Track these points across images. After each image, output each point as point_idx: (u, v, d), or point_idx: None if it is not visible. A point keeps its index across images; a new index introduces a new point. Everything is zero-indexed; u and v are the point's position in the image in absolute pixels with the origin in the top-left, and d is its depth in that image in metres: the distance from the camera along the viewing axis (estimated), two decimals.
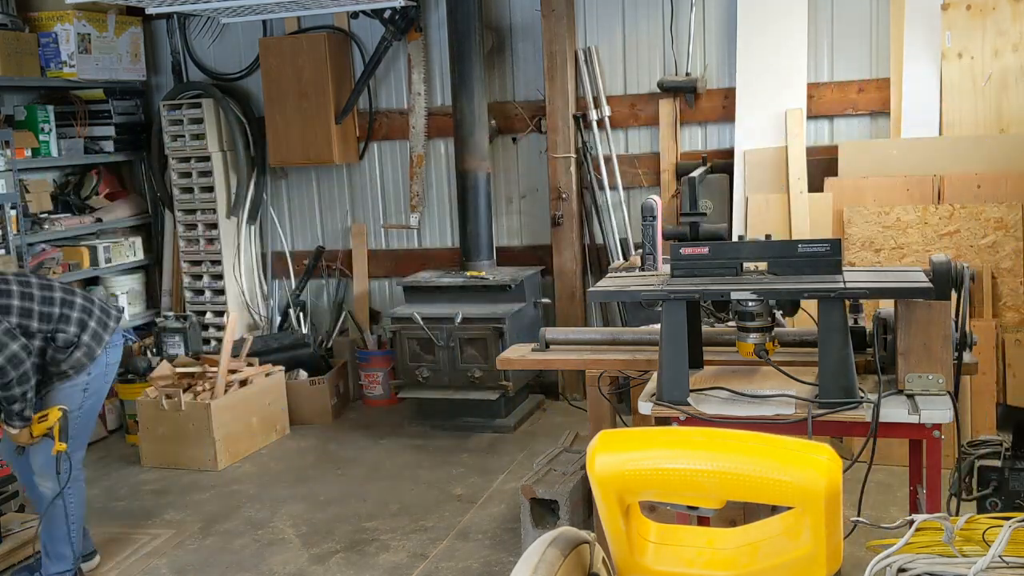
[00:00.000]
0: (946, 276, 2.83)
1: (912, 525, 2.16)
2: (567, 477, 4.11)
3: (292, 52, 6.40)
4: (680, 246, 3.00)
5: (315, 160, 6.53)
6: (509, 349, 3.85)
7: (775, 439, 2.07)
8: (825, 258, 2.89)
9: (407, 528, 4.55)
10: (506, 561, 4.11)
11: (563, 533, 2.16)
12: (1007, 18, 5.30)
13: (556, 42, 6.00)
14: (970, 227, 5.14)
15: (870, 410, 2.74)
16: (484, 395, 5.79)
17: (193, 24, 6.89)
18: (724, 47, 5.93)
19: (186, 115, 6.63)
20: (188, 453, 5.49)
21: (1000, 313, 5.07)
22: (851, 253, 5.27)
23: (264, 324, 6.95)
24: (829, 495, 1.96)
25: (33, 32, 6.19)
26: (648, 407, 2.92)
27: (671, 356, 2.88)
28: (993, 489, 2.73)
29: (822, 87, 5.76)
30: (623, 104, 6.14)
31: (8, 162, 5.60)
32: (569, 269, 6.19)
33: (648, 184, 6.14)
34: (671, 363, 2.88)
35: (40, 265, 6.04)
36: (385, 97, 6.64)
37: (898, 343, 2.86)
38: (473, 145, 6.00)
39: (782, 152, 5.62)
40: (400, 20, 6.31)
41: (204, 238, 6.78)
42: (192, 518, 4.82)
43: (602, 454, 2.11)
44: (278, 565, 4.26)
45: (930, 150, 5.35)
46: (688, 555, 2.20)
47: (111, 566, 4.32)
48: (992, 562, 2.02)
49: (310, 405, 6.21)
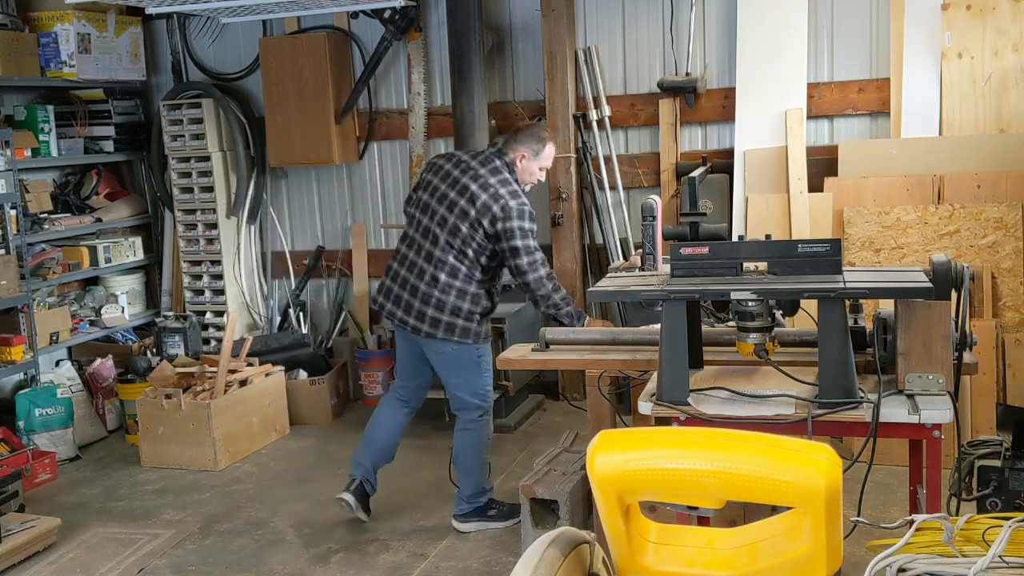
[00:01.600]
0: (946, 276, 2.83)
1: (912, 525, 2.16)
2: (567, 477, 4.11)
3: (292, 52, 6.40)
4: (680, 246, 3.00)
5: (315, 160, 6.53)
6: (509, 349, 3.85)
7: (775, 439, 2.07)
8: (825, 258, 2.89)
9: (407, 528, 4.55)
10: (506, 561, 4.11)
11: (563, 533, 2.16)
12: (1007, 18, 5.30)
13: (556, 42, 6.00)
14: (970, 227, 5.14)
15: (870, 410, 2.74)
16: None
17: (193, 24, 6.89)
18: (724, 47, 5.93)
19: (186, 115, 6.63)
20: (188, 453, 5.49)
21: (1000, 313, 5.07)
22: (851, 253, 5.27)
23: (264, 324, 6.95)
24: (829, 495, 1.96)
25: (33, 32, 6.19)
26: (648, 407, 2.92)
27: (671, 356, 2.88)
28: (993, 489, 2.73)
29: (822, 87, 5.76)
30: (623, 104, 6.14)
31: (8, 162, 5.60)
32: (569, 269, 6.19)
33: (648, 184, 6.14)
34: (671, 363, 2.88)
35: (40, 265, 6.04)
36: (385, 97, 6.64)
37: (898, 343, 2.86)
38: (473, 145, 5.99)
39: (782, 152, 5.62)
40: (400, 20, 6.31)
41: (204, 238, 6.78)
42: (192, 518, 4.82)
43: (602, 454, 2.11)
44: (278, 565, 4.26)
45: (930, 150, 5.36)
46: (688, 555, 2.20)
47: (111, 566, 4.32)
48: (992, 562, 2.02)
49: (310, 405, 6.21)
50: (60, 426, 5.70)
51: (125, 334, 6.76)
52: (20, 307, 5.71)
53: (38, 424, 5.64)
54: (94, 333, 6.47)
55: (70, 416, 5.76)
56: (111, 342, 6.67)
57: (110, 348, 6.58)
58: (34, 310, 5.83)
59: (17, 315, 5.73)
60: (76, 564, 4.36)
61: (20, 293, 5.63)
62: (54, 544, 4.52)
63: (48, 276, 6.07)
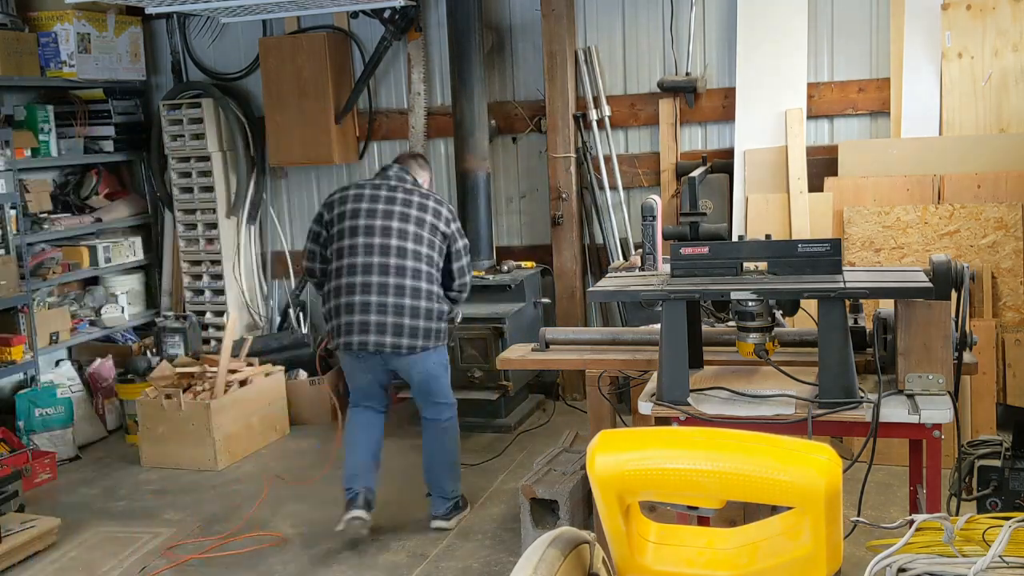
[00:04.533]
0: (946, 276, 2.83)
1: (912, 525, 2.16)
2: (567, 477, 4.11)
3: (292, 52, 6.40)
4: (680, 246, 3.00)
5: (315, 160, 6.53)
6: (509, 349, 3.86)
7: (775, 439, 2.07)
8: (825, 258, 2.89)
9: (407, 528, 4.55)
10: (506, 561, 4.11)
11: (563, 533, 2.16)
12: (1007, 18, 5.30)
13: (556, 42, 6.00)
14: (970, 227, 5.14)
15: (870, 410, 2.74)
16: (484, 395, 5.78)
17: (193, 24, 6.89)
18: (724, 47, 5.93)
19: (186, 115, 6.63)
20: (188, 453, 5.48)
21: (1000, 313, 5.07)
22: (851, 253, 5.27)
23: (264, 324, 6.95)
24: (829, 495, 1.96)
25: (33, 32, 6.19)
26: (648, 407, 2.92)
27: (671, 356, 2.88)
28: (993, 489, 2.73)
29: (822, 87, 5.76)
30: (623, 104, 6.14)
31: (8, 162, 5.60)
32: (569, 269, 6.18)
33: (648, 184, 6.14)
34: (671, 363, 2.88)
35: (40, 265, 6.04)
36: (385, 97, 6.64)
37: (898, 343, 2.86)
38: (473, 145, 6.00)
39: (782, 152, 5.62)
40: (400, 20, 6.31)
41: (204, 238, 6.78)
42: (192, 518, 4.82)
43: (602, 454, 2.11)
44: (278, 565, 4.26)
45: (930, 150, 5.36)
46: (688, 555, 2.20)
47: (112, 565, 4.32)
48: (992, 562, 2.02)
49: (310, 405, 6.20)
50: (60, 426, 5.71)
51: (125, 334, 6.76)
52: (20, 307, 5.72)
53: (38, 424, 5.64)
54: (94, 333, 6.47)
55: (70, 416, 5.77)
56: (111, 342, 6.67)
57: (110, 348, 6.58)
58: (34, 310, 5.83)
59: (17, 315, 5.73)
60: (77, 563, 4.36)
61: (20, 293, 5.63)
62: (55, 544, 4.52)
63: (48, 276, 6.07)
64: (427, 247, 4.27)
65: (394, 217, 4.26)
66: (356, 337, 4.23)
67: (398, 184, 4.38)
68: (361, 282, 4.23)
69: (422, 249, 4.25)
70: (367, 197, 4.33)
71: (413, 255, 4.24)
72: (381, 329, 4.21)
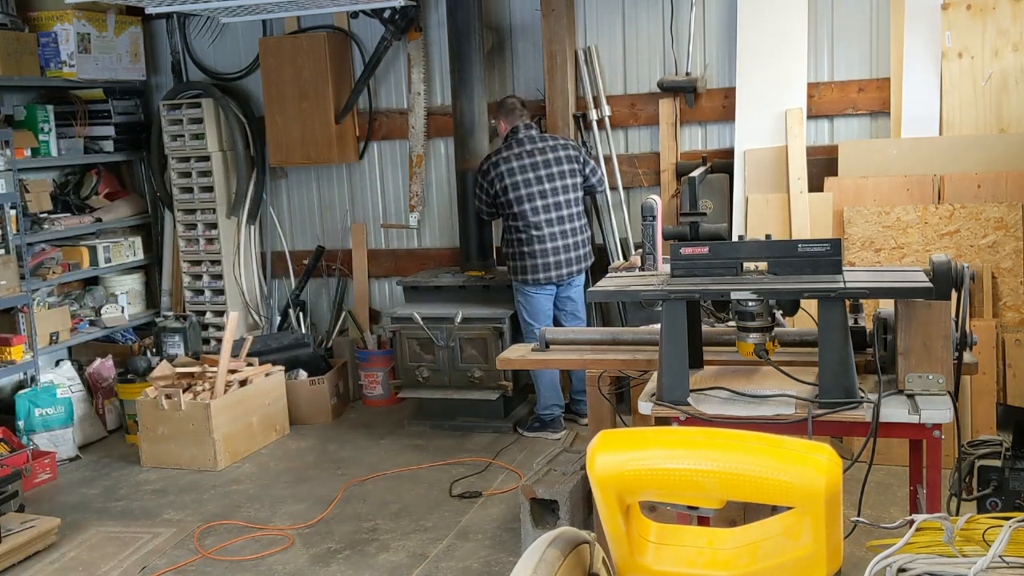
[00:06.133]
0: (946, 276, 2.83)
1: (912, 525, 2.16)
2: (567, 477, 4.11)
3: (292, 52, 6.40)
4: (680, 246, 3.00)
5: (315, 160, 6.53)
6: (509, 349, 3.85)
7: (775, 439, 2.07)
8: (825, 258, 2.89)
9: (407, 528, 4.56)
10: (506, 561, 4.11)
11: (563, 533, 2.16)
12: (1007, 18, 5.30)
13: (556, 42, 6.00)
14: (970, 227, 5.14)
15: (870, 410, 2.74)
16: (484, 395, 5.79)
17: (193, 24, 6.89)
18: (724, 47, 5.93)
19: (186, 115, 6.63)
20: (188, 453, 5.49)
21: (1000, 313, 5.07)
22: (851, 253, 5.27)
23: (264, 324, 6.95)
24: (829, 495, 1.96)
25: (33, 32, 6.19)
26: (648, 407, 2.92)
27: (671, 356, 2.88)
28: (993, 489, 2.73)
29: (822, 87, 5.76)
30: (623, 104, 6.14)
31: (8, 162, 5.60)
32: None
33: (648, 184, 6.14)
34: (671, 363, 2.88)
35: (40, 265, 6.04)
36: (385, 97, 6.64)
37: (898, 343, 2.86)
38: (473, 145, 6.00)
39: (782, 152, 5.62)
40: (400, 20, 6.31)
41: (204, 238, 6.78)
42: (192, 518, 4.82)
43: (602, 454, 2.11)
44: (278, 565, 4.26)
45: (930, 150, 5.36)
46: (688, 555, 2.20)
47: (112, 565, 4.32)
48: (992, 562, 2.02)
49: (310, 405, 6.21)
50: (60, 426, 5.71)
51: (125, 334, 6.76)
52: (20, 307, 5.72)
53: (38, 424, 5.64)
54: (94, 333, 6.47)
55: (70, 416, 5.77)
56: (111, 342, 6.67)
57: (110, 348, 6.59)
58: (34, 310, 5.83)
59: (17, 315, 5.74)
60: (78, 563, 4.36)
61: (20, 293, 5.64)
62: (55, 544, 4.52)
63: (48, 276, 6.07)
64: (575, 189, 5.65)
65: (556, 167, 5.61)
66: (564, 269, 5.61)
67: (538, 141, 5.65)
68: (555, 228, 5.59)
69: (577, 192, 5.67)
70: (528, 152, 5.60)
71: (574, 198, 5.64)
72: (573, 261, 5.63)
